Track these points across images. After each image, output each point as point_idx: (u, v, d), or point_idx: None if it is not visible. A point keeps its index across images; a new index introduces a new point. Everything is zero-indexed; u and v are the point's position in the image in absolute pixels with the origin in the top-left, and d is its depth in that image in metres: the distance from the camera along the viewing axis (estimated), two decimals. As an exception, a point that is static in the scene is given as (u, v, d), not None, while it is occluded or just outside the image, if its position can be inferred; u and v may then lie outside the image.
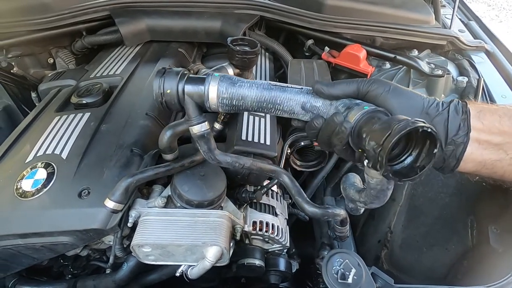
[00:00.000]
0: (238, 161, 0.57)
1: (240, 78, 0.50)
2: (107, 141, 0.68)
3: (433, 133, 0.36)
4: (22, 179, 0.61)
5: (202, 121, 0.51)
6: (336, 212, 0.60)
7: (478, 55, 1.04)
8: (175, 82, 0.48)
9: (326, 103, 0.48)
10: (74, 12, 1.01)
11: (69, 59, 1.09)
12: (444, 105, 0.45)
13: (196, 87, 0.48)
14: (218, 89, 0.48)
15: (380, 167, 0.37)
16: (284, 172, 0.61)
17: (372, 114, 0.42)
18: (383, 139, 0.36)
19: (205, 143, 0.53)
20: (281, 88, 0.48)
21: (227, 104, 0.49)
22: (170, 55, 0.98)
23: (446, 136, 0.44)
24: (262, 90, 0.48)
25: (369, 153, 0.38)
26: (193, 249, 0.56)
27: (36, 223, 0.57)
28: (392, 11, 1.05)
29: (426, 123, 0.36)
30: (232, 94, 0.48)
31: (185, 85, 0.48)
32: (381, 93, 0.45)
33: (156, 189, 0.65)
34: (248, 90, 0.48)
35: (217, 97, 0.48)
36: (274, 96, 0.48)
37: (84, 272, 0.76)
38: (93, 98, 0.78)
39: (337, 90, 0.47)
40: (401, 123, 0.35)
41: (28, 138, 0.71)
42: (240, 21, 1.00)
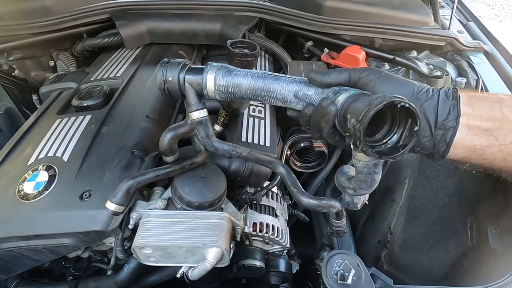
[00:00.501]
0: (235, 150, 0.59)
1: (237, 68, 0.52)
2: (108, 143, 0.68)
3: (412, 109, 0.37)
4: (24, 181, 0.62)
5: (201, 108, 0.54)
6: (331, 203, 0.60)
7: (477, 56, 1.04)
8: (176, 71, 0.51)
9: (318, 91, 0.49)
10: (74, 15, 1.01)
11: (70, 62, 1.10)
12: (434, 91, 0.45)
13: (196, 76, 0.51)
14: (215, 77, 0.50)
15: (359, 143, 0.38)
16: (280, 163, 0.62)
17: (357, 97, 0.43)
18: (362, 115, 0.37)
19: (203, 129, 0.56)
20: (275, 77, 0.50)
21: (223, 91, 0.51)
22: (170, 57, 0.98)
23: (435, 121, 0.44)
24: (256, 79, 0.50)
25: (350, 131, 0.39)
26: (194, 251, 0.57)
27: (37, 225, 0.57)
28: (391, 12, 1.06)
29: (404, 99, 0.37)
30: (228, 82, 0.50)
31: (186, 74, 0.51)
32: (372, 79, 0.46)
33: (156, 191, 0.65)
34: (243, 78, 0.50)
35: (214, 84, 0.51)
36: (267, 84, 0.50)
37: (85, 274, 0.76)
38: (94, 100, 0.79)
39: (330, 78, 0.48)
40: (378, 98, 0.37)
41: (30, 140, 0.72)
42: (240, 23, 1.01)
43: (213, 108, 0.86)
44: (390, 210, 0.95)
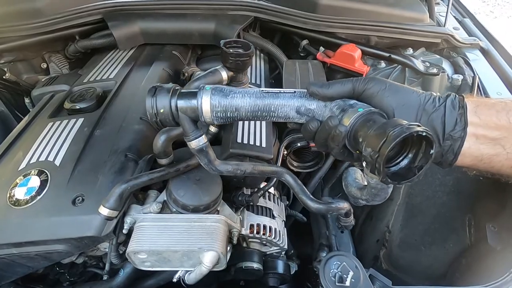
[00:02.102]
0: (239, 168, 0.56)
1: (231, 88, 0.49)
2: (101, 146, 0.67)
3: (429, 136, 0.36)
4: (15, 187, 0.60)
5: (199, 135, 0.50)
6: (340, 206, 0.60)
7: (473, 53, 1.04)
8: (167, 99, 0.47)
9: (321, 104, 0.48)
10: (66, 16, 1.00)
11: (63, 64, 1.08)
12: (440, 100, 0.45)
13: (189, 102, 0.48)
14: (211, 103, 0.47)
15: (378, 173, 0.37)
16: (286, 171, 0.61)
17: (367, 117, 0.42)
18: (379, 146, 0.36)
19: (204, 156, 0.53)
20: (274, 95, 0.48)
21: (221, 117, 0.48)
22: (164, 58, 0.97)
23: (443, 131, 0.44)
24: (255, 99, 0.48)
25: (366, 158, 0.38)
26: (189, 255, 0.56)
27: (30, 232, 0.56)
28: (386, 9, 1.05)
29: (421, 126, 0.36)
30: (226, 107, 0.48)
31: (177, 101, 0.48)
32: (377, 91, 0.45)
33: (151, 194, 0.64)
34: (241, 100, 0.48)
35: (211, 111, 0.47)
36: (268, 104, 0.48)
37: (81, 279, 0.75)
38: (86, 103, 0.77)
39: (332, 91, 0.46)
40: (396, 129, 0.35)
41: (21, 145, 0.71)
42: (234, 23, 0.99)
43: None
44: (388, 209, 0.94)
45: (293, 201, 0.98)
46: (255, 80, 0.94)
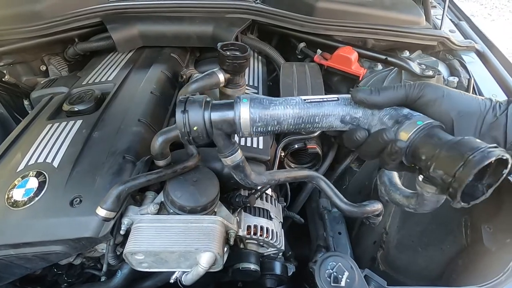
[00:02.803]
0: (274, 178, 0.54)
1: (270, 98, 0.45)
2: (99, 148, 0.67)
3: (509, 160, 0.33)
4: (13, 188, 0.61)
5: (235, 150, 0.47)
6: (374, 207, 0.59)
7: (469, 55, 1.05)
8: (200, 114, 0.43)
9: (367, 112, 0.44)
10: (66, 19, 1.01)
11: (62, 66, 1.09)
12: (501, 108, 0.42)
13: (225, 115, 0.43)
14: (250, 116, 0.43)
15: (452, 197, 0.35)
16: (317, 175, 0.60)
17: (429, 131, 0.38)
18: (455, 171, 0.33)
19: (240, 171, 0.50)
20: (318, 104, 0.44)
21: (261, 131, 0.44)
22: (163, 60, 0.98)
23: (505, 141, 0.41)
24: (298, 110, 0.43)
25: (435, 180, 0.36)
26: (186, 256, 0.56)
27: (27, 233, 0.56)
28: (383, 13, 1.06)
29: (502, 150, 0.33)
30: (267, 120, 0.43)
31: (211, 114, 0.43)
32: (434, 99, 0.41)
33: (149, 195, 0.65)
34: (283, 112, 0.43)
35: (250, 124, 0.43)
36: (312, 115, 0.44)
37: (79, 280, 0.75)
38: (85, 105, 0.78)
39: (382, 98, 0.42)
40: (475, 154, 0.32)
41: (20, 146, 0.71)
42: (232, 26, 1.00)
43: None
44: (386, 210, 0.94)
45: (290, 203, 0.98)
46: (252, 82, 0.95)
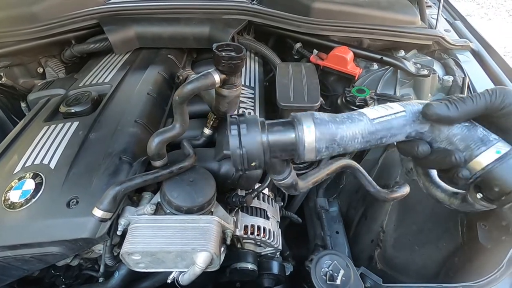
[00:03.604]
0: (317, 176, 0.49)
1: (332, 116, 0.39)
2: (96, 149, 0.68)
3: None
4: (10, 190, 0.61)
5: (290, 171, 0.43)
6: (403, 192, 0.57)
7: (464, 54, 1.06)
8: (257, 138, 0.36)
9: (435, 127, 0.39)
10: (62, 21, 1.01)
11: (59, 68, 1.09)
12: None
13: (284, 136, 0.37)
14: (316, 141, 0.37)
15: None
16: (355, 164, 0.56)
17: (509, 163, 0.35)
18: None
19: (294, 188, 0.47)
20: (387, 123, 0.38)
21: (326, 153, 0.38)
22: (160, 61, 0.98)
23: None
24: (367, 133, 0.38)
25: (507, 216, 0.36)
26: (183, 255, 0.57)
27: (24, 234, 0.56)
28: (378, 13, 1.07)
29: None
30: (333, 146, 0.38)
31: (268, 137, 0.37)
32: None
33: (145, 196, 0.65)
34: (350, 135, 0.38)
35: (316, 150, 0.37)
36: (380, 137, 0.39)
37: (76, 282, 0.75)
38: (82, 106, 0.78)
39: (460, 114, 0.36)
40: None
41: (16, 148, 0.71)
42: (229, 26, 1.01)
43: (202, 111, 0.87)
44: (382, 209, 0.95)
45: (288, 202, 0.98)
46: (249, 83, 0.95)
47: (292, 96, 0.82)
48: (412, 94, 0.95)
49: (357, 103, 0.80)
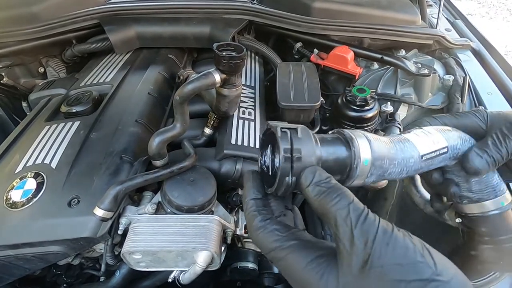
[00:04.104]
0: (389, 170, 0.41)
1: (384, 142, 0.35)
2: (97, 149, 0.68)
3: None
4: (11, 189, 0.61)
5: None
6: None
7: (465, 53, 1.06)
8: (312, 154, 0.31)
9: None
10: (63, 21, 1.01)
11: (60, 68, 1.09)
12: None
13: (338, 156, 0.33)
14: (372, 161, 0.33)
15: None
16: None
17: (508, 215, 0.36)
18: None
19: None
20: (431, 160, 0.36)
21: (371, 181, 0.35)
22: (160, 61, 0.99)
23: None
24: (412, 169, 0.36)
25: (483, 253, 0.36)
26: (184, 255, 0.57)
27: (26, 233, 0.57)
28: (379, 12, 1.07)
29: None
30: (383, 170, 0.34)
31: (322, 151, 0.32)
32: None
33: (146, 195, 0.65)
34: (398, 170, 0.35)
35: (369, 171, 0.34)
36: (418, 169, 0.36)
37: (77, 281, 0.76)
38: (82, 106, 0.78)
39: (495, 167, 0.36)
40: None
41: (18, 148, 0.72)
42: (229, 26, 1.01)
43: (202, 111, 0.87)
44: (383, 208, 0.95)
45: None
46: (249, 82, 0.95)
47: (293, 95, 0.82)
48: (412, 93, 0.95)
49: (358, 102, 0.80)
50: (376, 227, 0.27)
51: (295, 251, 0.29)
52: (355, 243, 0.26)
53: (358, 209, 0.27)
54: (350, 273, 0.27)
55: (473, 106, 0.91)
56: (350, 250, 0.26)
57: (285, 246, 0.30)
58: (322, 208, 0.29)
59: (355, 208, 0.27)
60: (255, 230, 0.31)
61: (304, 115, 0.85)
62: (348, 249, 0.26)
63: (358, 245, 0.26)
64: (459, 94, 0.89)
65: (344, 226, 0.27)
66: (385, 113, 0.86)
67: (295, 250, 0.29)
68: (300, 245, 0.30)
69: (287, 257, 0.29)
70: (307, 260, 0.29)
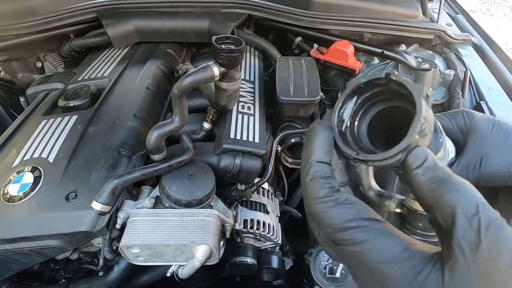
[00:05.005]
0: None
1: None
2: (95, 143, 0.67)
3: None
4: (8, 183, 0.61)
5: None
6: None
7: (465, 48, 1.05)
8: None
9: None
10: (60, 15, 1.00)
11: (58, 63, 1.08)
12: None
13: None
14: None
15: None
16: None
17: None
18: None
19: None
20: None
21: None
22: (159, 56, 0.98)
23: None
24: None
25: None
26: (182, 249, 0.56)
27: (23, 228, 0.56)
28: (379, 6, 1.06)
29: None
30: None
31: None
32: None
33: (144, 190, 0.65)
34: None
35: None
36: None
37: (76, 276, 0.75)
38: (80, 100, 0.78)
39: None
40: None
41: (15, 142, 0.71)
42: (228, 20, 1.00)
43: (201, 106, 0.86)
44: (382, 204, 0.95)
45: (288, 197, 0.98)
46: (249, 77, 0.94)
47: (292, 90, 0.82)
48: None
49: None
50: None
51: (379, 237, 0.24)
52: (480, 251, 0.20)
53: (490, 211, 0.21)
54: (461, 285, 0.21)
55: (474, 101, 0.90)
56: (471, 257, 0.21)
57: (367, 228, 0.24)
58: (434, 198, 0.23)
59: (486, 209, 0.21)
60: (321, 202, 0.26)
61: (303, 109, 0.85)
62: (467, 255, 0.21)
63: (484, 255, 0.20)
64: (460, 89, 0.89)
65: (468, 226, 0.21)
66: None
67: (380, 236, 0.24)
68: (385, 231, 0.24)
69: (366, 242, 0.24)
70: (397, 250, 0.23)
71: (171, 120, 0.62)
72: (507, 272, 0.20)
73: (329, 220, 0.26)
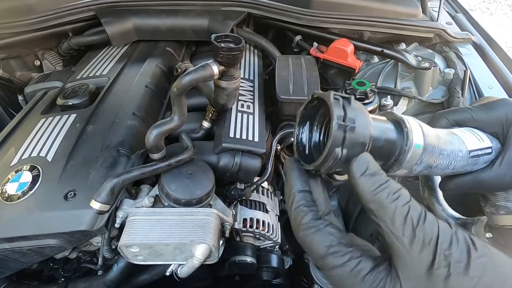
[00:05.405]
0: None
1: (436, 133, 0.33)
2: (93, 142, 0.67)
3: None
4: (7, 182, 0.61)
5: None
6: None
7: (465, 47, 1.05)
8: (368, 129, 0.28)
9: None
10: (59, 13, 0.99)
11: (56, 61, 1.08)
12: None
13: (388, 137, 0.30)
14: (425, 146, 0.30)
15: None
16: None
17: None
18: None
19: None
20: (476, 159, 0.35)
21: (418, 171, 0.32)
22: (158, 54, 0.97)
23: None
24: (458, 165, 0.34)
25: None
26: (181, 248, 0.56)
27: (22, 227, 0.56)
28: (379, 5, 1.06)
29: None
30: (432, 162, 0.32)
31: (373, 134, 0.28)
32: None
33: (143, 189, 0.64)
34: (446, 163, 0.33)
35: (419, 158, 0.31)
36: (463, 167, 0.35)
37: (75, 275, 0.75)
38: (79, 99, 0.77)
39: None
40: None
41: (13, 141, 0.71)
42: (228, 19, 0.99)
43: (200, 104, 0.86)
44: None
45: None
46: (248, 75, 0.94)
47: (292, 88, 0.82)
48: (412, 87, 0.94)
49: (357, 96, 0.80)
50: (437, 226, 0.25)
51: (352, 260, 0.27)
52: (417, 243, 0.25)
53: (417, 208, 0.26)
54: (414, 277, 0.25)
55: (473, 100, 0.90)
56: (411, 250, 0.25)
57: (342, 253, 0.27)
58: (376, 203, 0.26)
59: (415, 207, 0.26)
60: (305, 229, 0.28)
61: (303, 108, 0.84)
62: (408, 249, 0.25)
63: (421, 245, 0.25)
64: (459, 88, 0.89)
65: (404, 224, 0.25)
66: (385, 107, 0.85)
67: (353, 258, 0.27)
68: (357, 253, 0.27)
69: (344, 266, 0.27)
70: (365, 271, 0.27)
71: (170, 119, 0.61)
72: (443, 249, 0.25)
73: (313, 247, 0.28)
